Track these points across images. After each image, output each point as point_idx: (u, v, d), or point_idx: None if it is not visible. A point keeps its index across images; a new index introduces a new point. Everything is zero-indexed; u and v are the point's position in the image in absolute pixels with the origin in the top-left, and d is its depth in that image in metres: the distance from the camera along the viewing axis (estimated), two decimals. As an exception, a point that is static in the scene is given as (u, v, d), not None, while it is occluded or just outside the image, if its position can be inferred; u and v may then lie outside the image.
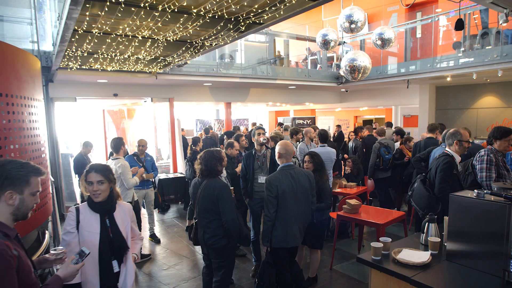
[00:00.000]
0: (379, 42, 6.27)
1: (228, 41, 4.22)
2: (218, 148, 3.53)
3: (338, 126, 13.15)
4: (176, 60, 5.60)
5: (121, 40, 4.16)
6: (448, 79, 8.27)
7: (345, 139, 9.47)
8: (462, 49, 8.31)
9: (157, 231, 6.57)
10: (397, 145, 7.01)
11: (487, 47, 7.63)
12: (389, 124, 8.80)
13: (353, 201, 4.67)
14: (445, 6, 10.28)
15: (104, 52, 4.78)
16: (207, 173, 3.31)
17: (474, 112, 9.93)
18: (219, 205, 3.18)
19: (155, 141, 12.06)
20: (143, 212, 6.35)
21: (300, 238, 3.46)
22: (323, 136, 6.20)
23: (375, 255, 2.43)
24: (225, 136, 7.74)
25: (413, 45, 9.45)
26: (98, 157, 12.59)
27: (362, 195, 6.19)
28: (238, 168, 5.33)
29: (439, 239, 2.51)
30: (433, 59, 8.23)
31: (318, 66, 11.24)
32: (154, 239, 6.07)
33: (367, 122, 16.86)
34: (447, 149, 3.75)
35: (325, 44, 6.51)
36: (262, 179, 4.34)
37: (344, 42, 10.08)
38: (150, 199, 5.96)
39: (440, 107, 10.48)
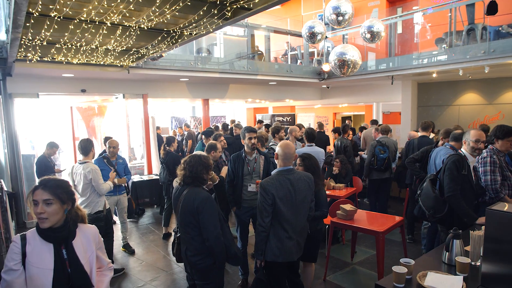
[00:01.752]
0: (368, 36, 5.93)
1: (211, 30, 3.72)
2: (205, 154, 3.06)
3: (319, 123, 12.88)
4: (151, 52, 5.04)
5: (86, 27, 3.59)
6: (434, 75, 8.09)
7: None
8: (444, 45, 8.16)
9: (131, 240, 6.00)
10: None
11: (472, 43, 7.47)
12: (374, 122, 8.54)
13: (348, 207, 4.30)
14: (425, 3, 10.13)
15: (67, 41, 4.17)
16: (190, 180, 2.84)
17: (455, 109, 9.85)
18: (200, 220, 2.72)
19: (128, 140, 11.35)
20: (115, 219, 5.77)
21: (299, 252, 3.05)
22: (310, 135, 5.82)
23: (397, 282, 2.04)
24: (203, 135, 7.22)
25: (397, 41, 9.23)
26: (66, 158, 11.78)
27: (350, 196, 5.87)
28: (224, 172, 4.83)
29: (469, 260, 2.15)
30: (418, 54, 8.02)
31: (299, 61, 10.88)
32: (127, 249, 5.51)
33: (347, 119, 16.73)
34: (462, 149, 3.46)
35: (312, 37, 6.12)
36: (252, 187, 3.89)
37: (326, 37, 9.78)
38: (122, 206, 5.39)
39: (422, 104, 10.36)
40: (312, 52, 11.02)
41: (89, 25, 3.58)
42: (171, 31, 4.02)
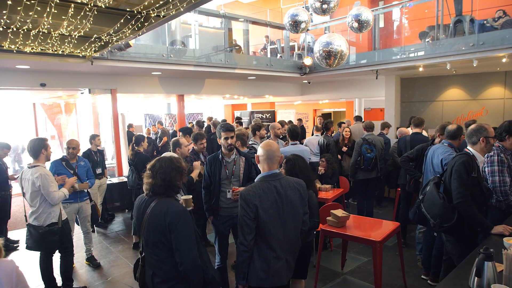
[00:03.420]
0: (355, 25, 5.50)
1: (182, 9, 3.16)
2: (176, 156, 2.52)
3: (299, 120, 12.50)
4: (115, 39, 4.42)
5: (28, 3, 2.95)
6: (420, 69, 7.78)
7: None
8: (428, 39, 7.88)
9: (97, 251, 5.37)
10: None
11: (458, 37, 7.19)
12: (359, 118, 8.18)
13: (339, 212, 3.85)
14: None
15: (10, 23, 3.51)
16: (163, 190, 2.30)
17: (439, 105, 9.64)
18: (172, 239, 2.20)
19: (97, 139, 10.55)
20: (77, 230, 5.14)
21: (290, 273, 2.55)
22: (294, 133, 5.35)
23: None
24: (180, 133, 6.66)
25: (381, 34, 8.89)
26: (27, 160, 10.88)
27: (337, 198, 5.45)
28: (195, 173, 4.29)
29: (510, 290, 1.72)
30: (404, 48, 7.69)
31: (278, 55, 10.40)
32: (92, 263, 4.89)
33: (327, 116, 16.45)
34: (469, 147, 3.04)
35: (295, 25, 5.63)
36: (231, 194, 3.37)
37: (307, 29, 9.35)
38: (85, 214, 4.76)
39: (405, 99, 10.11)
40: (293, 46, 10.57)
41: (32, 1, 2.94)
42: (135, 12, 3.43)
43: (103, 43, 4.69)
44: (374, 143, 5.81)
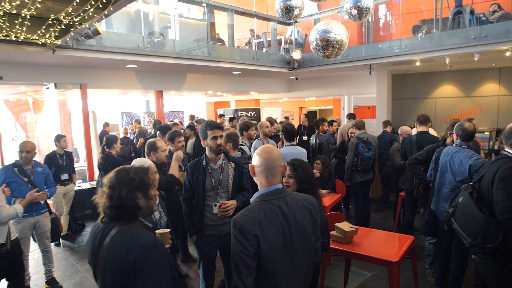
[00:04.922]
0: (354, 12, 4.93)
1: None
2: (143, 165, 1.86)
3: (286, 118, 11.93)
4: (77, 22, 3.71)
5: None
6: (418, 63, 7.32)
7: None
8: (420, 34, 7.44)
9: (61, 270, 4.63)
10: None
11: (455, 29, 6.76)
12: (352, 116, 7.67)
13: (345, 226, 3.27)
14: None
15: None
16: (113, 213, 1.65)
17: (432, 102, 9.25)
18: (140, 285, 1.55)
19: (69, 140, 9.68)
20: (33, 248, 4.39)
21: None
22: (290, 132, 4.75)
23: None
24: (158, 132, 5.97)
25: (375, 26, 8.40)
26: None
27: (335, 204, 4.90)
28: (174, 168, 3.62)
29: None
30: (400, 41, 7.20)
31: (264, 49, 9.80)
32: (52, 286, 4.15)
33: (313, 114, 15.99)
34: (508, 150, 2.50)
35: (288, 12, 5.03)
36: (218, 209, 2.73)
37: (295, 21, 8.78)
38: (43, 229, 4.02)
39: (396, 96, 9.68)
40: (279, 40, 9.98)
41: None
42: (97, -18, 2.76)
43: (63, 27, 3.95)
44: (369, 141, 5.29)
